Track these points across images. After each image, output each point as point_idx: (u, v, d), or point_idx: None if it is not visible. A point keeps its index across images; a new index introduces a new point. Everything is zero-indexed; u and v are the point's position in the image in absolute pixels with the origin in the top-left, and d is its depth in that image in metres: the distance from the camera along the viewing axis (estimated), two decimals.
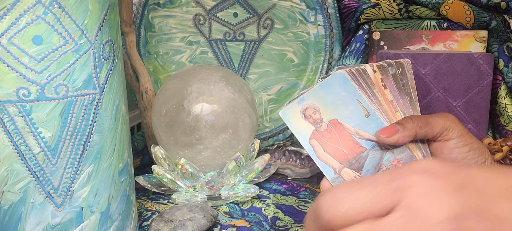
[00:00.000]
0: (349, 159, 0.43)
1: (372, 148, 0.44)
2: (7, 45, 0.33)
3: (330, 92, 0.45)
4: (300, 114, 0.44)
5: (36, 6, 0.33)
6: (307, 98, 0.45)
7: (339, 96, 0.45)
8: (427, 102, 0.61)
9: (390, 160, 0.44)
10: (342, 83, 0.46)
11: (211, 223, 0.49)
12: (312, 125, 0.44)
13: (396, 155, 0.44)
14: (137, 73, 0.66)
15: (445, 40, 0.64)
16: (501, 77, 0.62)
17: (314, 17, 0.70)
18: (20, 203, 0.36)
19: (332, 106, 0.45)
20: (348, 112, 0.45)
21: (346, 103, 0.45)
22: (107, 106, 0.38)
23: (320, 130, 0.44)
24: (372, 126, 0.45)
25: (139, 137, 0.72)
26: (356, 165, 0.43)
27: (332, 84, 0.46)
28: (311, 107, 0.44)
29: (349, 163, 0.43)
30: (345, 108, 0.45)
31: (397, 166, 0.44)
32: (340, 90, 0.46)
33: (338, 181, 0.42)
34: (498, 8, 0.62)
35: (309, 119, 0.44)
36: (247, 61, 0.72)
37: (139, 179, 0.60)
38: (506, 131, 0.62)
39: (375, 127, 0.45)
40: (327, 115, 0.45)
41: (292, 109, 0.44)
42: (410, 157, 0.45)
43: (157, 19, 0.70)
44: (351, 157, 0.43)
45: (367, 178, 0.30)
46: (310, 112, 0.44)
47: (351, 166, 0.43)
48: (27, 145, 0.35)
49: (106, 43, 0.37)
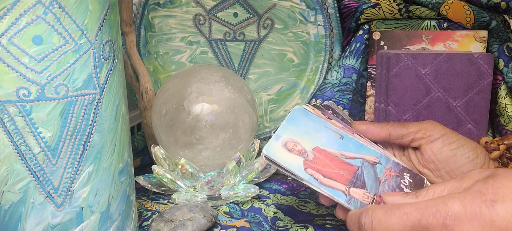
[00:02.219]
0: (350, 179, 0.43)
1: (362, 165, 0.45)
2: (7, 45, 0.33)
3: (298, 124, 0.46)
4: (283, 149, 0.43)
5: (36, 6, 0.33)
6: (281, 134, 0.44)
7: (308, 126, 0.46)
8: (427, 102, 0.61)
9: (383, 171, 0.45)
10: (306, 117, 0.47)
11: (211, 223, 0.49)
12: (300, 156, 0.43)
13: (385, 165, 0.46)
14: (137, 73, 0.66)
15: (445, 40, 0.64)
16: (501, 77, 0.62)
17: (314, 17, 0.70)
18: (20, 203, 0.36)
19: (307, 136, 0.45)
20: (324, 139, 0.46)
21: (318, 131, 0.46)
22: (107, 106, 0.38)
23: (309, 159, 0.43)
24: (350, 145, 0.46)
25: (139, 137, 0.72)
26: (359, 183, 0.43)
27: (297, 118, 0.47)
28: (290, 141, 0.44)
29: (351, 182, 0.43)
30: (320, 136, 0.46)
31: (390, 174, 0.45)
32: (306, 121, 0.47)
33: (353, 201, 0.42)
34: (498, 8, 0.62)
35: (294, 152, 0.44)
36: (247, 61, 0.72)
37: (139, 179, 0.60)
38: (506, 131, 0.62)
39: (353, 146, 0.46)
40: (308, 145, 0.44)
41: (273, 146, 0.44)
42: (396, 164, 0.46)
43: (157, 19, 0.70)
44: (350, 177, 0.44)
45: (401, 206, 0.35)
46: (291, 145, 0.44)
47: (355, 185, 0.43)
48: (27, 145, 0.35)
49: (106, 43, 0.37)
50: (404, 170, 0.46)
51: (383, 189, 0.44)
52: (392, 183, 0.44)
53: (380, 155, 0.46)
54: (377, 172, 0.45)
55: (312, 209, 0.55)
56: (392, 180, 0.45)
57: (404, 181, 0.45)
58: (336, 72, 0.70)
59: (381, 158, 0.46)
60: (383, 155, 0.46)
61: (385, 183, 0.44)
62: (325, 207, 0.55)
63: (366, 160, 0.45)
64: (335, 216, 0.53)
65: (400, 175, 0.45)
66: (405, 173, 0.46)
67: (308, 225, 0.50)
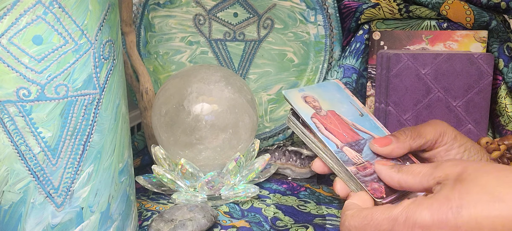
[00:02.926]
0: (349, 141, 0.46)
1: (369, 139, 0.47)
2: (7, 45, 0.33)
3: (327, 91, 0.50)
4: (301, 98, 0.48)
5: (36, 6, 0.33)
6: (306, 90, 0.49)
7: (335, 96, 0.50)
8: (427, 102, 0.61)
9: None
10: (336, 89, 0.51)
11: (211, 223, 0.49)
12: (313, 109, 0.47)
13: None
14: (137, 73, 0.66)
15: (445, 40, 0.64)
16: (501, 77, 0.62)
17: (314, 17, 0.70)
18: (20, 203, 0.36)
19: (329, 101, 0.49)
20: (344, 109, 0.49)
21: (341, 102, 0.50)
22: (107, 106, 0.38)
23: (320, 113, 0.47)
24: (366, 123, 0.49)
25: (139, 137, 0.72)
26: (356, 147, 0.45)
27: (328, 87, 0.51)
28: (310, 97, 0.48)
29: (349, 144, 0.46)
30: (341, 105, 0.49)
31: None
32: (335, 93, 0.50)
33: (341, 155, 0.44)
34: (498, 8, 0.62)
35: (309, 104, 0.48)
36: (247, 61, 0.72)
37: (139, 179, 0.60)
38: (506, 131, 0.62)
39: (369, 125, 0.49)
40: (325, 106, 0.48)
41: (294, 93, 0.48)
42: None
43: (157, 19, 0.70)
44: (351, 140, 0.46)
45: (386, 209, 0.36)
46: (310, 99, 0.48)
47: (351, 147, 0.45)
48: (27, 145, 0.35)
49: (106, 43, 0.37)
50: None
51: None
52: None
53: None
54: None
55: (312, 209, 0.55)
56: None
57: None
58: (336, 72, 0.70)
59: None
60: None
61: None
62: (325, 207, 0.55)
63: (374, 137, 0.47)
64: (335, 216, 0.53)
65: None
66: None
67: (308, 225, 0.50)
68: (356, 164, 0.44)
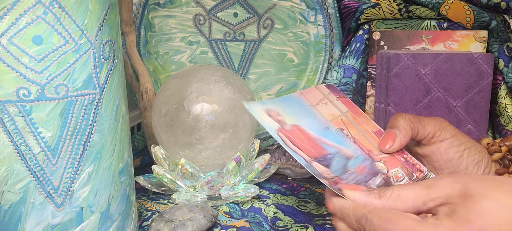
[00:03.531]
0: (316, 156, 0.44)
1: (336, 153, 0.44)
2: (7, 45, 0.33)
3: (290, 105, 0.47)
4: (264, 112, 0.45)
5: (36, 6, 0.33)
6: (269, 104, 0.46)
7: (299, 110, 0.47)
8: (427, 102, 0.61)
9: (356, 165, 0.44)
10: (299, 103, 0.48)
11: (211, 223, 0.49)
12: (277, 123, 0.45)
13: (359, 162, 0.44)
14: (137, 73, 0.66)
15: (445, 40, 0.64)
16: (501, 77, 0.62)
17: (314, 17, 0.70)
18: (20, 203, 0.36)
19: (293, 115, 0.46)
20: (308, 123, 0.46)
21: (305, 117, 0.47)
22: (107, 106, 0.38)
23: (285, 128, 0.45)
24: (332, 137, 0.46)
25: (139, 137, 0.72)
26: (324, 162, 0.43)
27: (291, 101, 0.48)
28: (274, 111, 0.46)
29: (317, 159, 0.43)
30: (305, 120, 0.46)
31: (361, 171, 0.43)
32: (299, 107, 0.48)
33: (311, 169, 0.42)
34: (498, 8, 0.62)
35: (273, 118, 0.45)
36: (247, 61, 0.72)
37: (139, 179, 0.60)
38: (506, 131, 0.62)
39: (336, 139, 0.46)
40: (290, 120, 0.45)
41: (256, 106, 0.45)
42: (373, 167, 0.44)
43: (157, 19, 0.70)
44: (318, 155, 0.44)
45: None
46: (274, 113, 0.46)
47: (319, 162, 0.43)
48: (27, 145, 0.35)
49: (106, 43, 0.37)
50: (377, 172, 0.44)
51: (348, 177, 0.42)
52: (359, 177, 0.43)
53: (359, 155, 0.45)
54: (348, 164, 0.44)
55: (312, 209, 0.55)
56: (361, 175, 0.43)
57: (374, 181, 0.43)
58: (336, 72, 0.70)
59: (360, 156, 0.45)
60: (363, 155, 0.45)
61: (352, 174, 0.43)
62: (325, 207, 0.55)
63: (342, 151, 0.45)
64: None
65: (371, 175, 0.43)
66: (379, 176, 0.43)
67: (308, 225, 0.50)
68: (327, 178, 0.42)
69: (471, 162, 0.44)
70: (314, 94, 0.52)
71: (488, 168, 0.45)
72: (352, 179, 0.42)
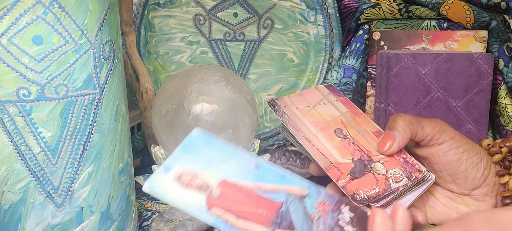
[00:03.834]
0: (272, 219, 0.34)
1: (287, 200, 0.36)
2: (7, 45, 0.33)
3: (198, 154, 0.37)
4: (175, 184, 0.34)
5: (36, 6, 0.33)
6: (173, 165, 0.35)
7: (212, 155, 0.37)
8: (427, 102, 0.61)
9: (314, 206, 0.37)
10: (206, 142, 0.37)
11: None
12: (201, 192, 0.34)
13: (315, 198, 0.37)
14: (137, 73, 0.66)
15: (445, 40, 0.64)
16: (501, 77, 0.62)
17: (314, 17, 0.70)
18: (20, 203, 0.36)
19: (210, 167, 0.36)
20: (234, 169, 0.36)
21: (224, 161, 0.37)
22: (107, 106, 0.38)
23: (213, 196, 0.34)
24: (269, 176, 0.37)
25: (139, 137, 0.72)
26: (284, 223, 0.35)
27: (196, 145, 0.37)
28: (186, 173, 0.35)
29: (275, 223, 0.34)
30: (227, 166, 0.36)
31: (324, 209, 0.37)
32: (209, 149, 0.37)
33: None
34: (498, 8, 0.62)
35: (192, 187, 0.34)
36: (247, 61, 0.72)
37: (139, 179, 0.60)
38: (506, 131, 0.62)
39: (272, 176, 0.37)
40: (211, 178, 0.35)
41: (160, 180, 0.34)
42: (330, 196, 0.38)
43: (157, 19, 0.70)
44: (272, 217, 0.35)
45: None
46: (188, 178, 0.35)
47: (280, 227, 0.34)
48: (27, 145, 0.35)
49: (106, 43, 0.37)
50: (340, 202, 0.37)
51: (317, 229, 0.35)
52: (328, 220, 0.36)
53: (308, 185, 0.38)
54: (307, 208, 0.36)
55: None
56: (327, 216, 0.36)
57: (343, 216, 0.37)
58: (336, 72, 0.70)
59: (311, 189, 0.37)
60: (312, 185, 0.38)
61: (320, 221, 0.36)
62: None
63: (291, 193, 0.36)
64: None
65: (336, 209, 0.37)
66: (343, 206, 0.37)
67: None
68: None
69: (470, 164, 0.44)
70: (313, 95, 0.52)
71: (487, 169, 0.45)
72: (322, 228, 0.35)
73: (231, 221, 0.33)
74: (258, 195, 0.35)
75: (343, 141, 0.47)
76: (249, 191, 0.35)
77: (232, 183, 0.35)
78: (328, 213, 0.36)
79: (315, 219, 0.36)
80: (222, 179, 0.35)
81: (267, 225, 0.34)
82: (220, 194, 0.34)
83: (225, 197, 0.34)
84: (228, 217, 0.33)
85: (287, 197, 0.36)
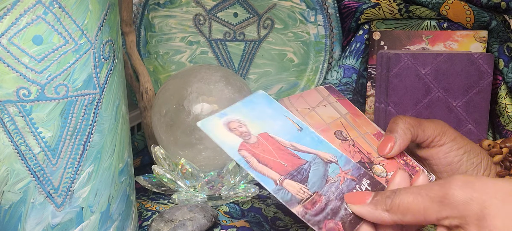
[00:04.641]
0: (290, 171, 0.38)
1: (313, 161, 0.40)
2: (7, 45, 0.33)
3: (254, 108, 0.42)
4: (223, 127, 0.39)
5: (36, 6, 0.33)
6: (228, 113, 0.40)
7: (265, 113, 0.42)
8: (427, 102, 0.61)
9: (336, 171, 0.40)
10: (266, 102, 0.43)
11: (211, 223, 0.49)
12: (240, 137, 0.39)
13: (342, 166, 0.40)
14: (137, 73, 0.66)
15: (445, 40, 0.64)
16: (501, 77, 0.62)
17: (314, 17, 0.70)
18: (20, 203, 0.36)
19: (258, 121, 0.41)
20: (278, 127, 0.41)
21: (274, 119, 0.42)
22: (107, 106, 0.38)
23: (249, 141, 0.39)
24: (307, 139, 0.41)
25: (139, 137, 0.72)
26: (299, 177, 0.38)
27: (255, 102, 0.42)
28: (235, 121, 0.40)
29: (290, 175, 0.38)
30: (274, 123, 0.41)
31: (344, 176, 0.40)
32: (265, 108, 0.42)
33: (282, 192, 0.37)
34: (498, 8, 0.62)
35: (235, 132, 0.39)
36: (247, 61, 0.72)
37: (139, 179, 0.60)
38: (506, 131, 0.62)
39: (311, 140, 0.41)
40: (255, 129, 0.40)
41: (213, 122, 0.39)
42: (357, 168, 0.41)
43: (157, 19, 0.70)
44: (291, 169, 0.38)
45: None
46: (235, 125, 0.40)
47: (293, 178, 0.38)
48: (27, 145, 0.35)
49: (106, 43, 0.37)
50: (364, 175, 0.40)
51: (328, 189, 0.38)
52: (342, 186, 0.39)
53: (340, 154, 0.41)
54: (328, 171, 0.39)
55: None
56: (344, 183, 0.39)
57: (359, 187, 0.39)
58: (336, 72, 0.70)
59: (340, 158, 0.41)
60: (344, 155, 0.41)
61: (334, 184, 0.38)
62: None
63: (319, 156, 0.40)
64: None
65: (357, 180, 0.40)
66: (365, 179, 0.40)
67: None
68: (302, 200, 0.37)
69: (470, 165, 0.44)
70: (313, 97, 0.52)
71: (487, 170, 0.45)
72: (333, 190, 0.38)
73: (251, 163, 0.37)
74: (289, 151, 0.39)
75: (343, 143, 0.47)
76: (282, 146, 0.40)
77: (270, 137, 0.40)
78: (346, 180, 0.39)
79: (330, 181, 0.39)
80: (264, 131, 0.40)
81: (282, 174, 0.38)
82: (255, 142, 0.39)
83: (258, 145, 0.39)
84: (251, 160, 0.38)
85: (313, 159, 0.40)
